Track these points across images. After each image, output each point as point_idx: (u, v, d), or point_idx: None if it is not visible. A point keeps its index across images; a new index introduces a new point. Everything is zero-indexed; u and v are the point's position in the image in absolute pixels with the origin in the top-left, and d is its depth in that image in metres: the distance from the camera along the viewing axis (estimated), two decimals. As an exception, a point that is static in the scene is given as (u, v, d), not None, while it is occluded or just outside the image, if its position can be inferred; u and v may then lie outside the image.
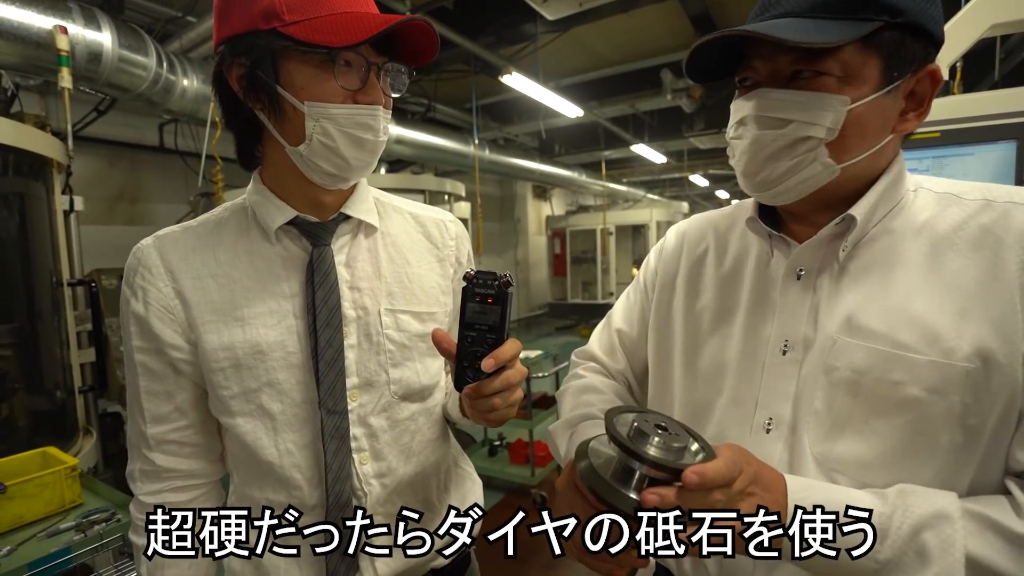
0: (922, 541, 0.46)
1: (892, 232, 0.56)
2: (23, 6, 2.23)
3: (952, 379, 0.49)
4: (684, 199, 11.50)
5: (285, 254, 0.69)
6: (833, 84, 0.52)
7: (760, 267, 0.64)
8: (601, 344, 0.82)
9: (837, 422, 0.54)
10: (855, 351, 0.54)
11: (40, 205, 2.12)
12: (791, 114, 0.53)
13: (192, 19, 3.23)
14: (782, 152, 0.55)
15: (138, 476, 0.70)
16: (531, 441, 3.12)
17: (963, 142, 1.19)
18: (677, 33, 4.40)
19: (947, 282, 0.52)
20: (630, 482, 0.46)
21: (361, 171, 0.66)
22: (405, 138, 4.66)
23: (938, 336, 0.50)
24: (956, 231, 0.54)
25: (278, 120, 0.63)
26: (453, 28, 3.67)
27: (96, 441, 2.18)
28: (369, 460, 0.70)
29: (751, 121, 0.56)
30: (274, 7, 0.59)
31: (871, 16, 0.50)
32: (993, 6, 1.26)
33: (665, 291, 0.73)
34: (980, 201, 0.55)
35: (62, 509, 1.36)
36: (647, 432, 0.46)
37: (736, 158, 0.59)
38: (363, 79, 0.62)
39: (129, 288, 0.67)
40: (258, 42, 0.60)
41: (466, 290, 0.57)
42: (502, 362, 0.57)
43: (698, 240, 0.74)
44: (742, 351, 0.62)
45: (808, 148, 0.53)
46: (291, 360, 0.67)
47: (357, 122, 0.62)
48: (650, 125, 6.72)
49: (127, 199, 4.73)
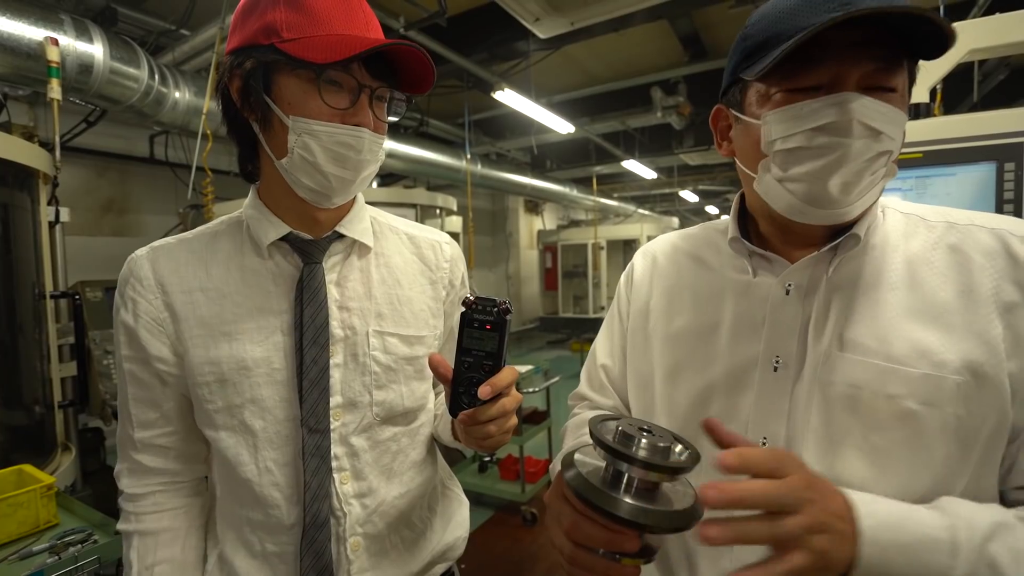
0: (991, 553, 0.44)
1: (872, 249, 0.57)
2: (14, 17, 2.22)
3: (945, 392, 0.50)
4: (674, 214, 11.62)
5: (276, 270, 0.69)
6: (899, 100, 0.52)
7: (741, 286, 0.63)
8: (590, 382, 0.80)
9: (836, 438, 0.54)
10: (851, 365, 0.54)
11: (24, 216, 2.08)
12: (883, 125, 0.50)
13: (186, 32, 3.24)
14: (868, 165, 0.51)
15: (126, 473, 0.72)
16: (521, 457, 3.09)
17: (945, 163, 1.22)
18: (666, 52, 4.48)
19: (928, 299, 0.53)
20: (619, 487, 0.46)
21: (344, 189, 0.66)
22: (398, 152, 4.68)
23: (928, 350, 0.51)
24: (929, 250, 0.55)
25: (267, 132, 0.64)
26: (447, 45, 3.71)
27: (75, 458, 2.12)
28: (350, 480, 0.69)
29: (848, 128, 0.49)
30: (274, 24, 0.61)
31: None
32: (972, 32, 1.30)
33: (639, 317, 0.72)
34: (944, 223, 0.56)
35: (36, 530, 1.31)
36: (632, 435, 0.46)
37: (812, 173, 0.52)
38: (352, 100, 0.62)
39: (120, 298, 0.68)
40: (255, 55, 0.62)
41: (465, 316, 0.57)
42: (499, 389, 0.56)
43: (668, 263, 0.73)
44: (728, 370, 0.61)
45: (884, 163, 0.52)
46: (276, 377, 0.66)
47: (338, 140, 0.62)
48: (640, 141, 6.81)
49: (115, 210, 4.68)
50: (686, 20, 3.89)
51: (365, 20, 0.64)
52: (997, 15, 1.30)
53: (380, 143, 0.66)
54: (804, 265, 0.58)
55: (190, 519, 0.73)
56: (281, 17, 0.60)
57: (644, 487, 0.45)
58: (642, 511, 0.43)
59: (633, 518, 0.43)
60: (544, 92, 5.03)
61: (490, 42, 3.91)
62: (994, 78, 3.90)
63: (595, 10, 3.16)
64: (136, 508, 0.71)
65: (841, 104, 0.50)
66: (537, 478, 3.15)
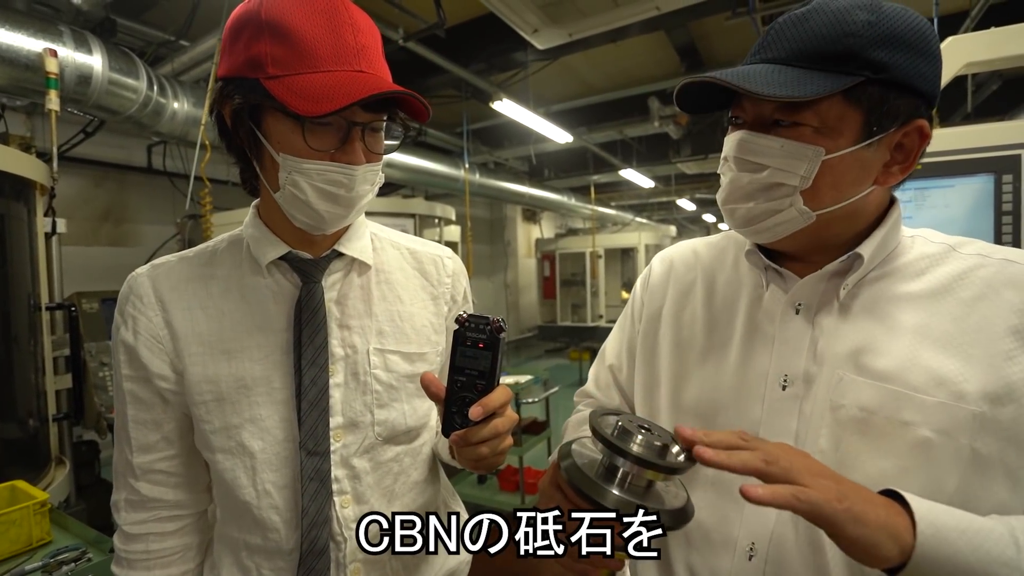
0: None
1: (892, 275, 0.57)
2: (13, 29, 2.22)
3: (961, 422, 0.49)
4: (672, 223, 11.66)
5: (276, 288, 0.68)
6: (809, 134, 0.52)
7: (754, 299, 0.63)
8: (597, 381, 0.80)
9: (844, 461, 0.53)
10: (863, 389, 0.53)
11: (20, 227, 2.07)
12: (767, 160, 0.54)
13: (185, 43, 3.25)
14: (758, 193, 0.56)
15: (123, 506, 0.69)
16: (521, 468, 3.07)
17: (944, 174, 1.22)
18: (664, 63, 4.52)
19: (950, 328, 0.53)
20: (613, 480, 0.47)
21: (337, 223, 0.65)
22: (396, 162, 4.68)
23: (945, 379, 0.51)
24: (956, 280, 0.55)
25: (260, 164, 0.64)
26: (445, 55, 3.73)
27: (69, 471, 2.10)
28: (351, 503, 0.68)
29: (732, 160, 0.58)
30: (260, 58, 0.58)
31: (853, 71, 0.50)
32: (968, 46, 1.31)
33: (652, 322, 0.72)
34: (976, 256, 0.56)
35: (29, 547, 1.29)
36: (631, 431, 0.47)
37: (720, 195, 0.61)
38: (341, 139, 0.60)
39: (120, 316, 0.67)
40: (242, 91, 0.60)
41: (457, 334, 0.56)
42: (491, 410, 0.55)
43: (686, 270, 0.73)
44: (737, 385, 0.61)
45: (783, 193, 0.54)
46: (275, 396, 0.65)
47: (329, 179, 0.61)
48: (638, 150, 6.84)
49: (112, 220, 4.66)
50: (683, 31, 3.92)
51: (356, 48, 0.60)
52: (992, 29, 1.32)
53: (376, 171, 0.64)
54: (811, 283, 0.58)
55: (184, 566, 0.71)
56: (266, 50, 0.57)
57: (637, 483, 0.46)
58: (629, 504, 0.44)
59: (620, 509, 0.44)
60: (542, 102, 5.06)
61: (488, 52, 3.94)
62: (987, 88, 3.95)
63: (593, 22, 3.18)
64: (129, 554, 0.68)
65: (733, 140, 0.57)
66: (537, 489, 3.13)
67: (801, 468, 0.44)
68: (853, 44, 0.50)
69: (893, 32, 0.50)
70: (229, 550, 0.69)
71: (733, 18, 3.23)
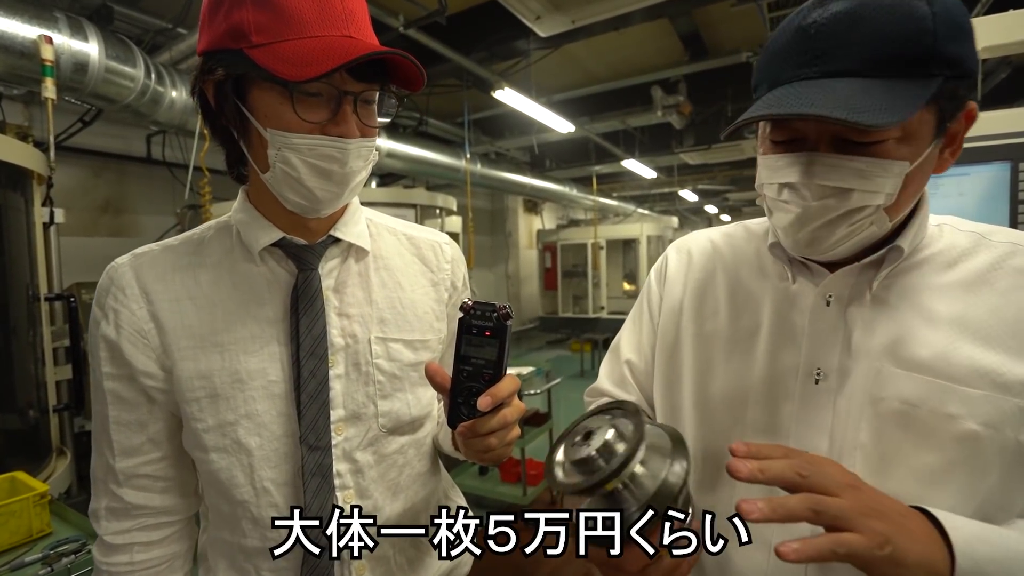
0: None
1: (923, 265, 0.55)
2: (7, 15, 2.18)
3: (1007, 414, 0.48)
4: (674, 214, 11.60)
5: (270, 276, 0.65)
6: (892, 148, 0.47)
7: (780, 291, 0.61)
8: (611, 377, 0.77)
9: (886, 456, 0.52)
10: (904, 381, 0.51)
11: (18, 217, 2.05)
12: (851, 183, 0.48)
13: (183, 31, 3.20)
14: (839, 220, 0.50)
15: (104, 514, 0.65)
16: (522, 460, 3.06)
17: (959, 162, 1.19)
18: (667, 51, 4.46)
19: (989, 319, 0.51)
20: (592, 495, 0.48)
21: (331, 202, 0.62)
22: (397, 152, 4.64)
23: (990, 371, 0.49)
24: (990, 270, 0.53)
25: (247, 143, 0.60)
26: (446, 43, 3.68)
27: (71, 462, 2.10)
28: (354, 498, 0.66)
29: (805, 189, 0.50)
30: (243, 27, 0.55)
31: (934, 71, 0.46)
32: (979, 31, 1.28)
33: (671, 315, 0.70)
34: (1008, 244, 0.54)
35: (29, 539, 1.28)
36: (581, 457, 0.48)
37: (784, 224, 0.53)
38: (333, 110, 0.57)
39: (100, 310, 0.62)
40: (225, 63, 0.56)
41: (463, 322, 0.54)
42: (499, 400, 0.53)
43: (704, 260, 0.70)
44: (766, 378, 0.59)
45: (867, 215, 0.50)
46: (273, 390, 0.63)
47: (321, 154, 0.57)
48: (640, 141, 6.79)
49: (112, 210, 4.64)
50: (687, 19, 3.86)
51: (344, 13, 0.57)
52: (1008, 12, 1.28)
53: (370, 147, 0.61)
54: (844, 275, 0.56)
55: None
56: (249, 17, 0.54)
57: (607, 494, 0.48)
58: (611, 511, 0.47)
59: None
60: (544, 91, 5.00)
61: (490, 41, 3.88)
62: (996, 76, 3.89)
63: (596, 8, 3.13)
64: (111, 566, 0.64)
65: (802, 164, 0.49)
66: (539, 480, 3.13)
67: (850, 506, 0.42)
68: (930, 42, 0.45)
69: (953, 19, 0.46)
70: (223, 556, 0.67)
71: (738, 5, 3.18)
